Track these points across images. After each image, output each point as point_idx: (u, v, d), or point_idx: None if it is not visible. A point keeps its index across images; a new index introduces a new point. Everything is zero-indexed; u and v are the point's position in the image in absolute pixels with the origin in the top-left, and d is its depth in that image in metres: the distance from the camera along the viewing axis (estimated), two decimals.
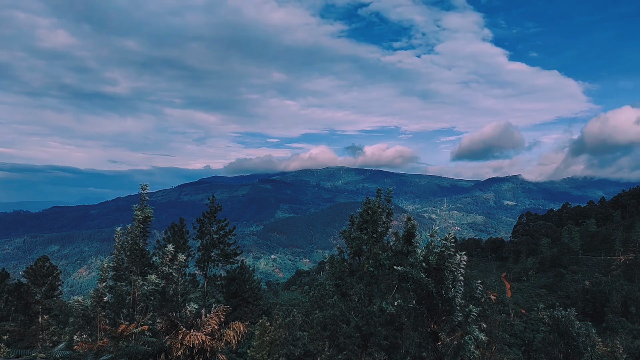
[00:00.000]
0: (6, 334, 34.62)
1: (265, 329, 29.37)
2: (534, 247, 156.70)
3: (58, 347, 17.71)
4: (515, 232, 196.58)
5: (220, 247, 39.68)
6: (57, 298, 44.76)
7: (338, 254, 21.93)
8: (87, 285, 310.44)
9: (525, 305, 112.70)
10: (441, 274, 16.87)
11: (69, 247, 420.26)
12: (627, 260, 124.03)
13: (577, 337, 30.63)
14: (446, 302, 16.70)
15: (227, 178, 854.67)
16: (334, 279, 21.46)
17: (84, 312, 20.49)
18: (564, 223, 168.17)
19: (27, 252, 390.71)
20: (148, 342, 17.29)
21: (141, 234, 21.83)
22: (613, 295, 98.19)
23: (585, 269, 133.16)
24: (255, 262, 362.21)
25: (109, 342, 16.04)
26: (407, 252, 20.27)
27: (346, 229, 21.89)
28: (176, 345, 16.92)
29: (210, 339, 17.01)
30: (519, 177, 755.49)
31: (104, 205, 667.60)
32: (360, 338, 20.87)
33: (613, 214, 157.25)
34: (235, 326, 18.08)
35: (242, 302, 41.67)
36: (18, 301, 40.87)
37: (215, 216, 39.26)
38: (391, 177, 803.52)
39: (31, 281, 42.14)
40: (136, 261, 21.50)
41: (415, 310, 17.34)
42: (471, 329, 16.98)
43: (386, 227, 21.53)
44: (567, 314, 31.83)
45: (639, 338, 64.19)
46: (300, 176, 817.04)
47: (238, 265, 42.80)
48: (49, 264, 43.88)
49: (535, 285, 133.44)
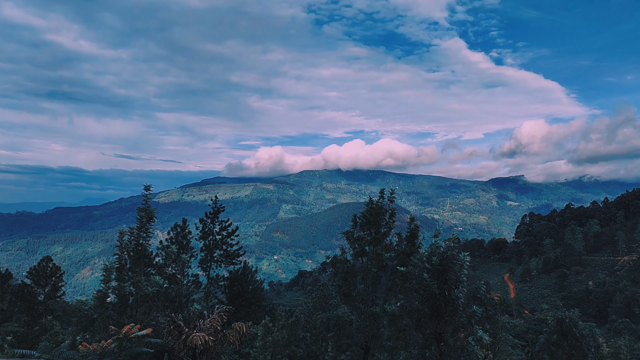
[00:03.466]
0: (10, 334, 34.73)
1: (268, 330, 29.35)
2: (537, 248, 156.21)
3: (61, 347, 17.75)
4: (519, 232, 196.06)
5: (223, 248, 39.72)
6: (61, 299, 44.85)
7: (341, 254, 21.91)
8: (91, 285, 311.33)
9: (528, 306, 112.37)
10: (444, 274, 16.84)
11: (72, 247, 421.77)
12: (631, 260, 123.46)
13: (581, 338, 30.50)
14: (449, 303, 16.67)
15: (230, 179, 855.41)
16: (337, 280, 21.43)
17: (87, 312, 20.54)
18: (567, 224, 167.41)
19: (31, 252, 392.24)
20: (151, 343, 17.30)
21: (144, 234, 21.89)
22: (616, 296, 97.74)
23: (588, 270, 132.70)
24: (258, 263, 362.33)
25: (113, 343, 16.06)
26: (410, 253, 20.25)
27: (349, 229, 21.87)
28: (179, 346, 16.92)
29: (213, 340, 17.00)
30: (522, 178, 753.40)
31: (107, 206, 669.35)
32: (363, 339, 20.84)
33: (616, 215, 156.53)
34: (238, 327, 18.06)
35: (244, 303, 41.65)
36: (21, 302, 40.95)
37: (218, 217, 39.30)
38: (394, 178, 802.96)
39: (34, 282, 42.22)
40: (139, 262, 21.55)
41: (418, 311, 17.31)
42: (475, 329, 16.94)
43: (389, 228, 21.51)
44: (570, 315, 31.72)
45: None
46: (303, 177, 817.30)
47: (241, 266, 42.78)
48: (53, 265, 43.94)
49: (538, 286, 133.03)
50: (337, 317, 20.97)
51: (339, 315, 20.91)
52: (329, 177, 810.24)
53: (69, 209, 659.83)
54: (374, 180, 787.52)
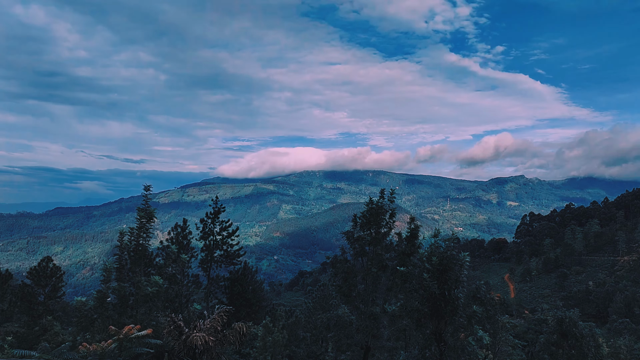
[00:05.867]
0: (10, 335, 34.71)
1: (268, 330, 29.35)
2: (537, 248, 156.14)
3: (61, 348, 17.74)
4: (519, 232, 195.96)
5: (223, 248, 39.74)
6: (61, 299, 44.84)
7: (341, 254, 21.93)
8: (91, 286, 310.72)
9: (528, 306, 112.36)
10: (444, 274, 16.84)
11: (72, 248, 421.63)
12: (631, 260, 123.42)
13: (581, 338, 30.50)
14: (449, 303, 16.66)
15: (230, 179, 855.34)
16: (337, 280, 21.44)
17: (87, 313, 20.54)
18: (567, 223, 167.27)
19: (31, 253, 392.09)
20: (151, 344, 17.30)
21: (144, 235, 21.89)
22: (617, 296, 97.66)
23: (588, 270, 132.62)
24: (258, 263, 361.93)
25: (113, 343, 16.06)
26: (410, 253, 20.25)
27: (349, 229, 21.89)
28: (179, 346, 16.92)
29: (213, 340, 17.00)
30: (522, 178, 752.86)
31: (107, 206, 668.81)
32: (363, 339, 20.84)
33: (616, 215, 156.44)
34: (238, 327, 18.06)
35: (245, 303, 41.64)
36: (21, 302, 40.96)
37: (218, 217, 39.32)
38: (394, 178, 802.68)
39: (35, 282, 42.22)
40: (139, 262, 21.55)
41: (418, 311, 17.30)
42: (475, 329, 16.95)
43: (389, 228, 21.52)
44: (570, 315, 31.71)
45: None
46: (303, 177, 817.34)
47: (241, 266, 42.79)
48: (53, 265, 43.96)
49: (538, 286, 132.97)
50: (337, 317, 20.99)
51: (339, 315, 20.93)
52: (329, 177, 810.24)
53: (69, 209, 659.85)
54: (374, 180, 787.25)
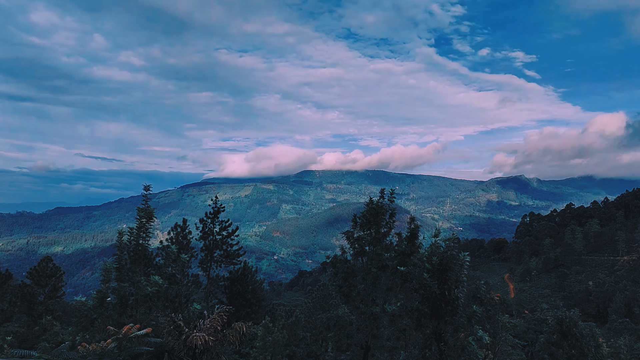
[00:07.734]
0: (10, 335, 34.70)
1: (268, 330, 29.34)
2: (537, 248, 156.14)
3: (61, 347, 17.73)
4: (518, 232, 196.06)
5: (223, 248, 39.71)
6: (61, 299, 44.84)
7: (341, 254, 21.91)
8: (91, 286, 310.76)
9: (528, 306, 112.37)
10: (444, 274, 16.84)
11: (72, 247, 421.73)
12: (631, 260, 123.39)
13: (581, 338, 30.48)
14: (449, 303, 16.66)
15: (230, 179, 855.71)
16: (337, 280, 21.43)
17: (87, 313, 20.53)
18: (567, 223, 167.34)
19: (31, 253, 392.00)
20: (151, 343, 17.29)
21: (144, 234, 21.88)
22: (617, 296, 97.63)
23: (588, 270, 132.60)
24: (258, 263, 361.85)
25: (112, 343, 16.05)
26: (410, 253, 20.23)
27: (349, 229, 21.87)
28: (179, 346, 16.90)
29: (213, 340, 16.98)
30: (522, 177, 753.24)
31: (107, 206, 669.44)
32: (363, 339, 20.83)
33: (616, 215, 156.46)
34: (238, 327, 18.04)
35: (244, 303, 41.59)
36: (21, 302, 40.97)
37: (218, 217, 39.29)
38: (394, 178, 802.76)
39: (34, 282, 42.23)
40: (139, 262, 21.54)
41: (418, 311, 17.30)
42: (475, 329, 16.94)
43: (389, 228, 21.50)
44: (570, 315, 31.69)
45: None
46: (303, 177, 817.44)
47: (241, 266, 42.74)
48: (53, 265, 43.96)
49: (538, 286, 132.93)
50: (337, 317, 20.98)
51: (339, 315, 20.92)
52: (329, 177, 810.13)
53: (69, 209, 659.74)
54: (374, 180, 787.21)
